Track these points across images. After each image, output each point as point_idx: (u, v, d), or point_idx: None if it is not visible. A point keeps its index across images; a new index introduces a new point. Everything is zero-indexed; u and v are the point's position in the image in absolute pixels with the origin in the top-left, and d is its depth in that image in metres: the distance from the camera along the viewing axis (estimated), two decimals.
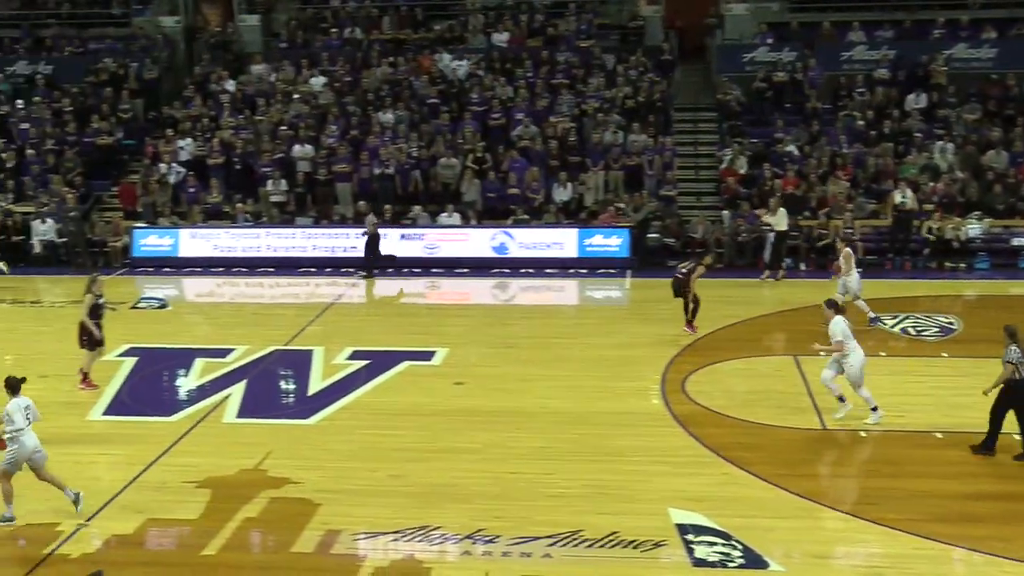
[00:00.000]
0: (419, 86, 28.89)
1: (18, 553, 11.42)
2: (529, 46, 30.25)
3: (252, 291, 23.84)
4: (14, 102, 29.88)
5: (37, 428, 12.23)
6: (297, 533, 11.58)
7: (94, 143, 28.57)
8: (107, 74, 30.51)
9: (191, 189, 26.74)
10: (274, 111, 28.51)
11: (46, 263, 25.49)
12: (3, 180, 27.72)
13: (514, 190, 25.79)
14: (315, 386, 16.53)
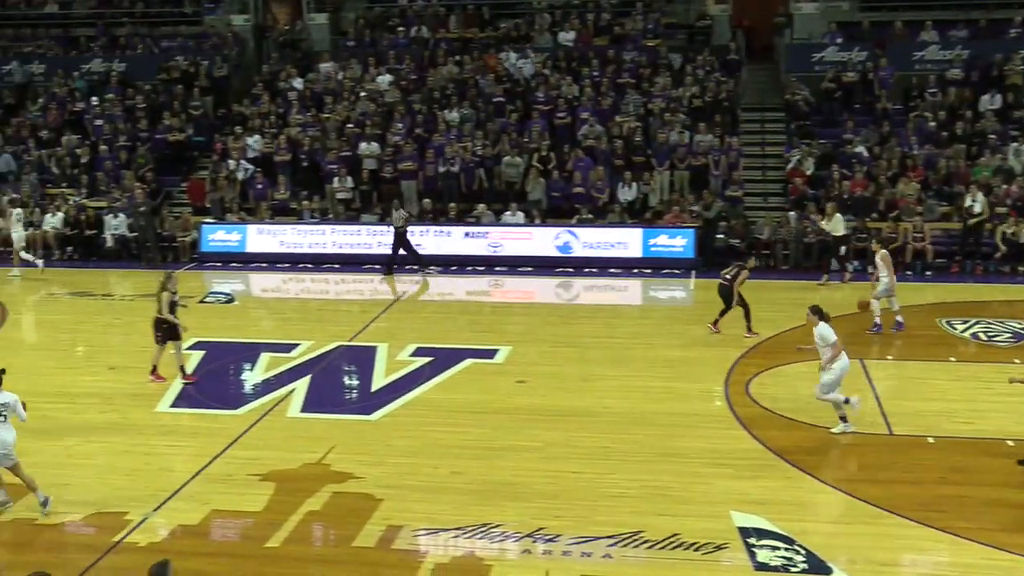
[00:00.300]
0: (485, 85, 28.95)
1: (89, 540, 11.65)
2: (595, 45, 30.16)
3: (317, 287, 24.04)
4: (89, 99, 30.47)
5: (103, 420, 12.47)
6: (359, 527, 11.67)
7: (165, 139, 29.04)
8: (178, 72, 30.99)
9: (259, 186, 27.06)
10: (341, 109, 28.74)
11: (117, 257, 25.94)
12: (77, 175, 28.30)
13: (579, 189, 25.74)
14: (378, 382, 16.63)
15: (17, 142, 29.78)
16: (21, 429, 14.83)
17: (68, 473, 13.35)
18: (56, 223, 26.39)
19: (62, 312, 21.81)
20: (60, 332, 20.08)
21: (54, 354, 18.62)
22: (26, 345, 19.05)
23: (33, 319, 20.98)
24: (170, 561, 8.34)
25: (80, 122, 30.21)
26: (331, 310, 22.20)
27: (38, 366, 17.73)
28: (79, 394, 16.29)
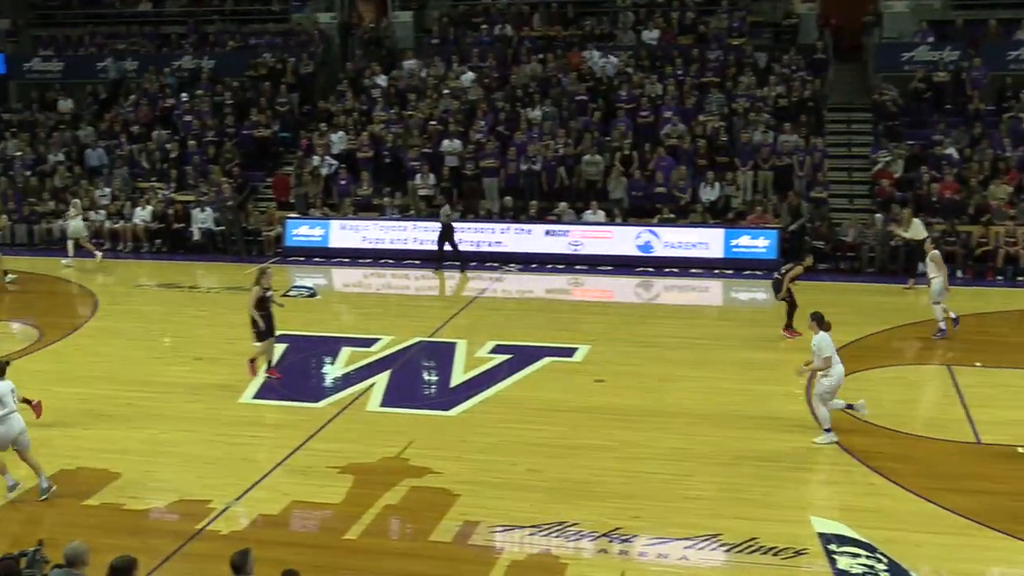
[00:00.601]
0: (567, 83, 28.91)
1: (173, 526, 11.89)
2: (679, 43, 29.96)
3: (398, 283, 24.23)
4: (179, 95, 31.09)
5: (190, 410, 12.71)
6: (436, 522, 11.74)
7: (252, 135, 29.51)
8: (266, 68, 31.47)
9: (342, 181, 27.36)
10: (424, 106, 28.93)
11: (203, 250, 26.42)
12: (166, 170, 28.90)
13: (660, 189, 25.59)
14: (457, 378, 16.71)
15: (110, 137, 30.51)
16: (111, 415, 15.24)
17: (154, 461, 13.64)
18: (145, 216, 26.99)
19: (150, 303, 22.28)
20: (149, 323, 20.51)
21: (143, 344, 19.01)
22: (116, 334, 19.46)
23: (123, 310, 21.42)
24: (251, 550, 8.48)
25: (170, 118, 30.84)
26: (411, 305, 22.38)
27: (127, 355, 18.16)
28: (166, 383, 16.64)
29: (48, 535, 10.35)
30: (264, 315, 16.33)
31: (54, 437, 14.50)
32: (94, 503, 12.42)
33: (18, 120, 32.06)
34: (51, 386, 16.50)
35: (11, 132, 31.28)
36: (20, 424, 12.37)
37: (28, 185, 29.01)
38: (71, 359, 18.20)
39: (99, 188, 28.19)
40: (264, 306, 16.37)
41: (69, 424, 14.95)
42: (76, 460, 13.62)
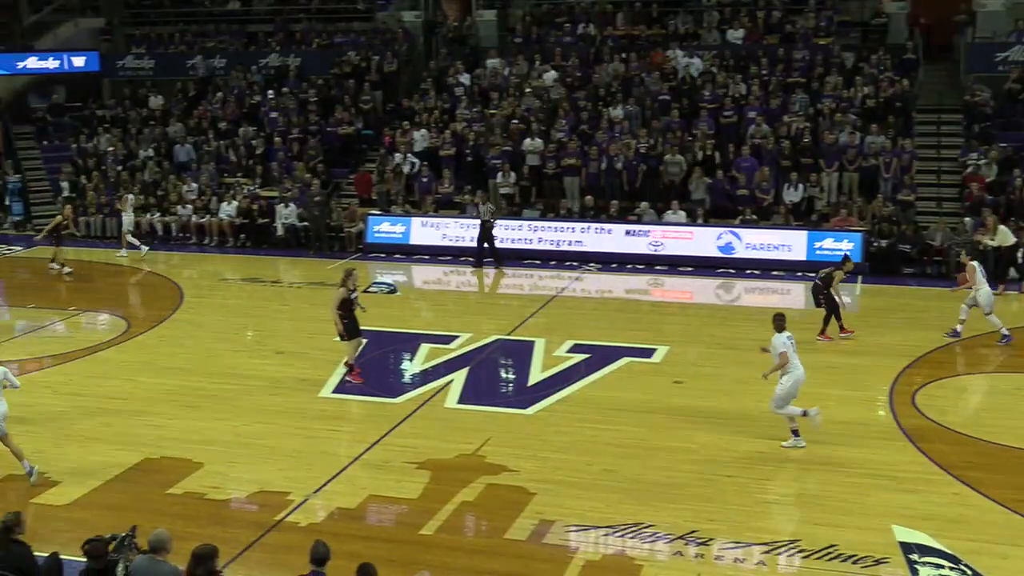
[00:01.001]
0: (650, 82, 28.75)
1: (253, 516, 12.07)
2: (765, 43, 29.61)
3: (478, 280, 24.31)
4: (265, 92, 31.56)
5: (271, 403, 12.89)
6: (511, 520, 11.76)
7: (335, 132, 29.85)
8: (350, 66, 31.80)
9: (424, 179, 27.53)
10: (506, 104, 28.99)
11: (286, 245, 26.78)
12: (252, 166, 29.35)
13: (743, 190, 25.31)
14: (535, 377, 16.72)
15: (198, 133, 31.09)
16: (195, 406, 15.52)
17: (236, 452, 13.87)
18: (231, 211, 27.44)
19: (234, 297, 22.66)
20: (232, 316, 20.87)
21: (226, 337, 19.35)
22: (200, 327, 19.82)
23: (207, 303, 21.81)
24: (325, 543, 8.58)
25: (256, 115, 31.32)
26: (490, 303, 22.44)
27: (211, 348, 18.50)
28: (248, 376, 16.91)
29: (132, 522, 10.59)
30: (348, 316, 16.29)
31: (138, 426, 14.85)
32: (177, 492, 12.67)
33: (111, 116, 32.83)
34: (137, 376, 16.93)
35: (104, 128, 32.04)
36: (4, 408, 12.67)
37: (119, 179, 29.69)
38: (157, 350, 18.59)
39: (186, 183, 28.75)
40: (348, 307, 16.31)
41: (154, 414, 15.29)
42: (160, 449, 13.91)
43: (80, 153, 31.12)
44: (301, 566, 8.63)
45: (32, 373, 17.58)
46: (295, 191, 27.39)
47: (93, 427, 14.87)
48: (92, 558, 8.77)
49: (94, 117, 32.85)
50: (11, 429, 13.40)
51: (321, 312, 18.79)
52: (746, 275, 23.57)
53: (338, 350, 17.70)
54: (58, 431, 14.72)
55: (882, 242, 23.47)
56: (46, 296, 23.00)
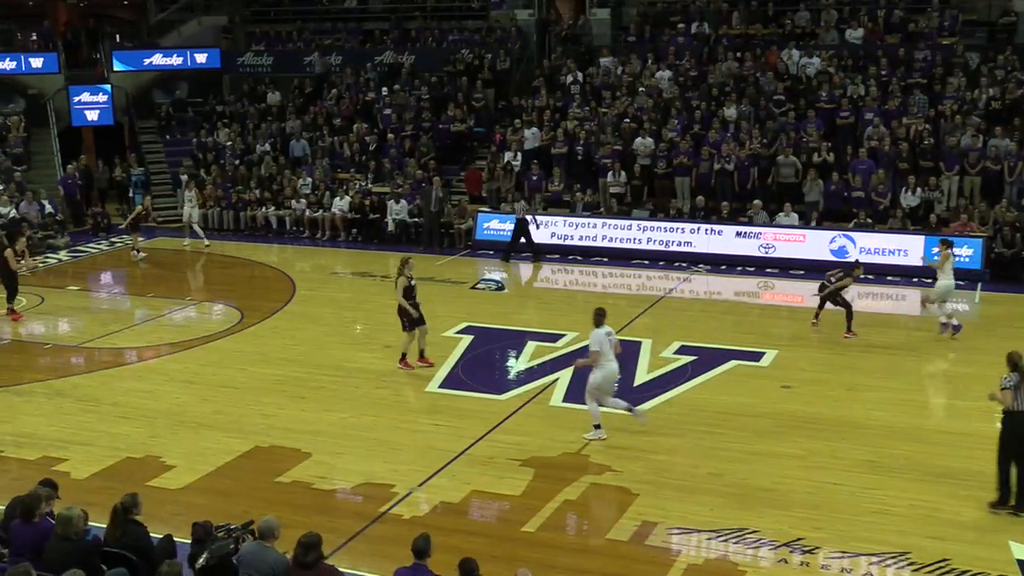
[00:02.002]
0: (765, 82, 28.34)
1: (358, 508, 12.26)
2: (885, 43, 28.92)
3: (585, 279, 24.26)
4: (379, 90, 31.99)
5: (377, 395, 13.01)
6: (614, 520, 11.72)
7: (447, 130, 30.10)
8: (463, 64, 32.03)
9: (534, 177, 27.59)
10: (618, 103, 28.87)
11: (397, 241, 27.07)
12: (365, 162, 29.78)
13: (858, 193, 24.77)
14: (641, 377, 16.61)
15: (313, 129, 31.66)
16: (304, 397, 15.81)
17: (343, 443, 14.10)
18: (343, 206, 27.87)
19: (344, 291, 23.02)
20: (342, 309, 21.19)
21: (335, 330, 19.67)
22: (311, 319, 20.18)
23: (318, 296, 22.19)
24: (427, 536, 8.66)
25: (370, 111, 31.77)
26: (597, 303, 22.24)
27: (321, 340, 18.82)
28: (356, 369, 17.16)
29: (242, 509, 10.85)
30: (413, 304, 16.69)
31: (250, 415, 15.20)
32: (285, 480, 12.93)
33: (230, 112, 33.65)
34: (249, 366, 17.33)
35: (223, 123, 32.85)
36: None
37: (236, 173, 30.43)
38: (268, 341, 18.99)
39: (301, 178, 29.30)
40: (411, 295, 16.74)
41: (265, 403, 15.63)
42: (270, 438, 14.22)
43: (200, 147, 31.97)
44: (404, 558, 8.73)
45: (150, 360, 18.16)
46: (407, 187, 27.69)
47: (206, 414, 15.27)
48: (195, 541, 9.03)
49: (214, 112, 33.72)
50: (126, 415, 13.87)
51: (429, 308, 18.95)
52: (859, 279, 22.95)
53: (444, 345, 17.92)
54: (173, 417, 15.16)
55: (1005, 249, 22.73)
56: (165, 286, 23.69)
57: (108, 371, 17.67)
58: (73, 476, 13.08)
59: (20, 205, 27.69)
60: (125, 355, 18.54)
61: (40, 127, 32.23)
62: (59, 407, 15.75)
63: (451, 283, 22.95)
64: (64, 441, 14.29)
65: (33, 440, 14.36)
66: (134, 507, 9.30)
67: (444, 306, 20.62)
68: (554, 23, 34.23)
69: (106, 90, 32.35)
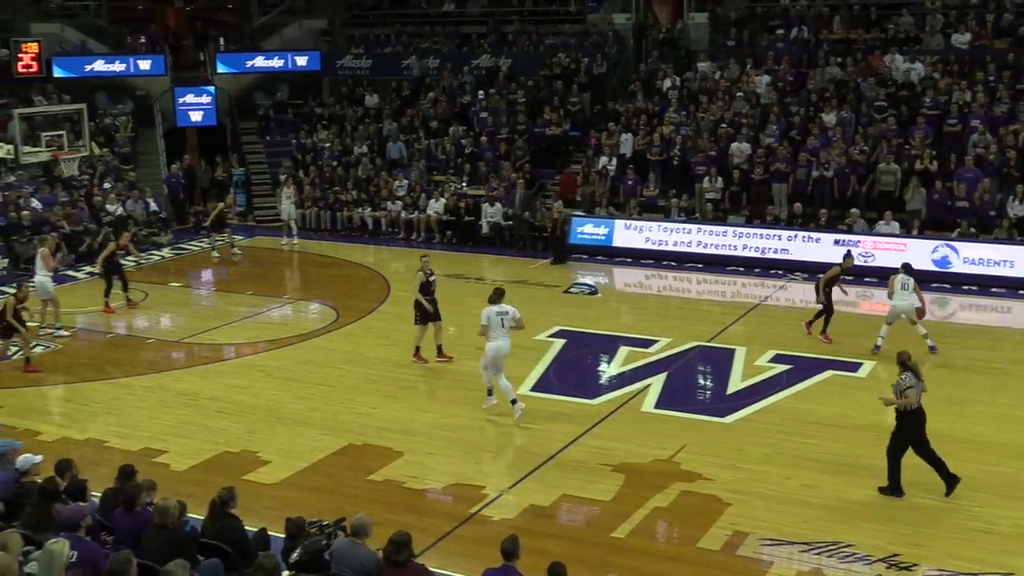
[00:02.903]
0: (866, 88, 27.79)
1: (448, 508, 12.33)
2: (994, 47, 28.15)
3: (679, 285, 24.07)
4: (476, 93, 32.16)
5: (468, 397, 13.03)
6: (704, 529, 11.60)
7: (543, 133, 30.13)
8: (559, 68, 32.03)
9: (629, 182, 27.46)
10: (715, 108, 28.60)
11: (491, 243, 27.17)
12: (460, 164, 29.96)
13: (963, 202, 24.13)
14: (734, 385, 16.43)
15: (410, 131, 31.95)
16: (397, 397, 15.94)
17: (434, 443, 14.20)
18: (438, 208, 28.07)
19: (438, 292, 22.94)
20: None
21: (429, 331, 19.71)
22: (405, 320, 20.25)
23: (413, 297, 22.22)
24: (516, 538, 8.66)
25: (466, 114, 31.95)
26: (691, 309, 22.17)
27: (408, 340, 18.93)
28: (449, 370, 17.27)
29: (336, 506, 10.98)
30: (429, 299, 17.34)
31: (344, 413, 15.40)
32: (378, 479, 13.06)
33: (328, 114, 34.14)
34: (344, 365, 17.55)
35: (322, 124, 33.35)
36: None
37: (334, 174, 30.87)
38: (363, 341, 19.22)
39: (397, 179, 29.59)
40: (428, 291, 17.27)
41: (358, 402, 15.82)
42: (363, 437, 14.38)
43: (299, 148, 32.51)
44: (493, 559, 8.74)
45: (247, 357, 18.51)
46: (501, 190, 27.80)
47: (301, 411, 15.50)
48: (288, 536, 9.17)
49: (313, 114, 34.26)
50: (224, 410, 14.12)
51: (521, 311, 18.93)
52: (963, 291, 22.46)
53: (536, 348, 17.94)
54: (269, 413, 15.42)
55: None
56: (263, 284, 24.12)
57: (207, 366, 18.06)
58: (172, 468, 13.40)
59: (127, 203, 28.45)
60: (224, 351, 18.93)
61: (147, 127, 33.10)
62: (160, 400, 16.15)
63: (544, 286, 22.96)
64: (164, 434, 14.65)
65: (136, 432, 14.75)
66: (231, 500, 9.48)
67: (536, 309, 20.61)
68: (651, 27, 34.02)
69: (210, 92, 33.07)
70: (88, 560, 8.09)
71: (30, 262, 24.71)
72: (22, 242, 25.29)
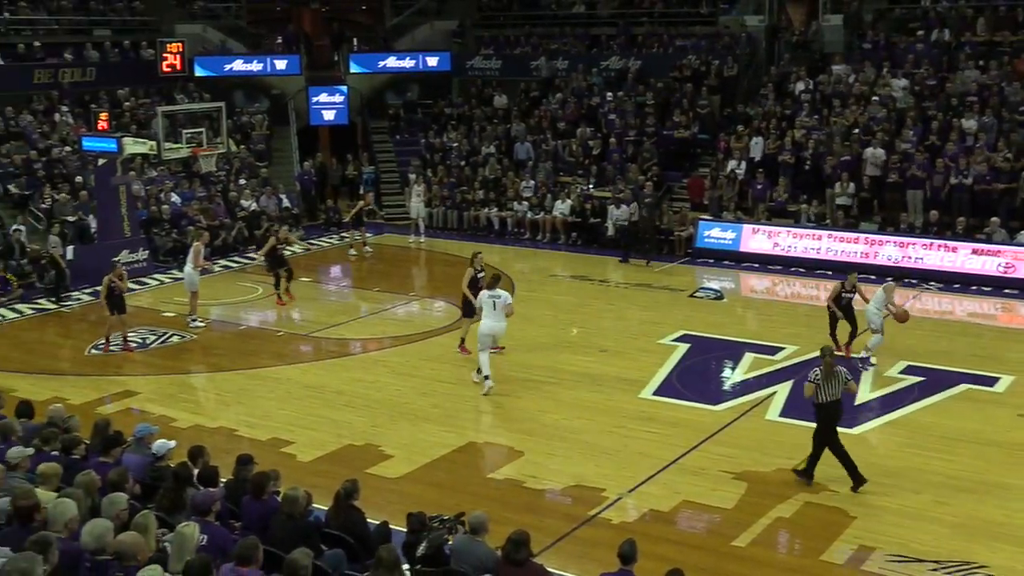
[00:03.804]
0: (1010, 92, 26.79)
1: (567, 509, 12.32)
2: None
3: (808, 292, 23.56)
4: (604, 95, 32.06)
5: (591, 399, 12.99)
6: (828, 542, 11.35)
7: (671, 136, 29.88)
8: (690, 70, 31.72)
9: (758, 186, 27.04)
10: (849, 113, 27.94)
11: (616, 245, 27.03)
12: (587, 165, 29.92)
13: None
14: (863, 396, 16.00)
15: (538, 132, 32.04)
16: (519, 397, 15.99)
17: (555, 444, 14.20)
18: (564, 209, 28.08)
19: (562, 293, 23.15)
20: (559, 312, 21.29)
21: (552, 332, 19.78)
22: (529, 320, 20.33)
23: (537, 297, 22.37)
24: (634, 542, 8.59)
25: (594, 116, 31.89)
26: (820, 317, 21.54)
27: (537, 341, 18.98)
28: (572, 372, 17.23)
29: (455, 503, 11.07)
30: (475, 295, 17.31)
31: (465, 411, 15.53)
32: (497, 477, 13.13)
33: (457, 114, 34.48)
34: (467, 363, 17.66)
35: (451, 124, 33.70)
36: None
37: (462, 174, 31.16)
38: None
39: (524, 180, 29.71)
40: (476, 286, 17.37)
41: (481, 401, 15.91)
42: (484, 435, 14.50)
43: (428, 148, 32.91)
44: (610, 563, 8.68)
45: (373, 352, 18.81)
46: (627, 192, 27.65)
47: (424, 408, 15.68)
48: (410, 531, 9.27)
49: (442, 114, 34.64)
50: (350, 403, 14.31)
51: (645, 314, 18.92)
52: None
53: (659, 352, 17.82)
54: (393, 408, 15.65)
55: None
56: (389, 281, 24.51)
57: (334, 360, 18.43)
58: (298, 459, 13.70)
59: (260, 199, 29.22)
60: (350, 346, 19.29)
61: (281, 125, 33.95)
62: (288, 392, 16.54)
63: (669, 290, 22.76)
64: (292, 425, 14.99)
65: (264, 422, 15.13)
66: (355, 493, 9.64)
67: (661, 313, 20.49)
68: (784, 29, 33.40)
69: (342, 91, 33.72)
70: (217, 545, 8.32)
71: (169, 254, 25.77)
72: (161, 235, 26.21)
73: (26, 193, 26.59)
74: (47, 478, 9.02)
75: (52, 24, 32.49)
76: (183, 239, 26.11)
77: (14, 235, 24.33)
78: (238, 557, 7.81)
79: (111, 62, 32.62)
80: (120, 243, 24.40)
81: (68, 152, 28.19)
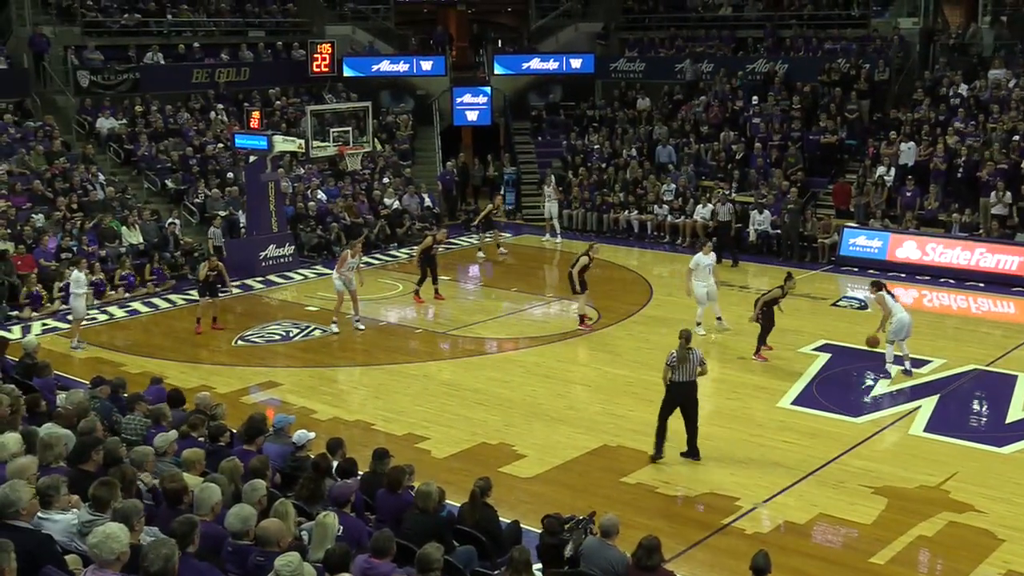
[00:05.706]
0: None
1: (700, 517, 12.18)
2: None
3: (957, 304, 22.77)
4: (749, 98, 31.57)
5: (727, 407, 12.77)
6: (973, 564, 10.93)
7: (818, 141, 29.24)
8: (838, 74, 30.96)
9: (908, 193, 26.24)
10: (1008, 119, 26.87)
11: (758, 251, 26.61)
12: (730, 170, 29.51)
13: None
14: (1015, 414, 15.36)
15: (680, 135, 31.75)
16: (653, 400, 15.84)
17: None
18: (705, 214, 27.73)
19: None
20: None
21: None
22: (665, 324, 20.12)
23: (674, 302, 22.13)
24: (767, 554, 8.43)
25: (738, 120, 31.43)
26: (969, 330, 20.90)
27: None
28: (708, 379, 16.93)
29: (586, 505, 11.05)
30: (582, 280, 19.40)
31: (600, 413, 15.50)
32: (630, 481, 13.06)
33: (600, 116, 34.42)
34: (602, 366, 17.66)
35: (593, 127, 33.67)
36: None
37: (603, 176, 31.09)
38: (622, 343, 19.25)
39: (665, 183, 29.48)
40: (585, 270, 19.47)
41: (615, 403, 15.87)
42: (618, 438, 14.41)
43: (569, 150, 32.94)
44: (741, 573, 8.56)
45: (509, 352, 18.94)
46: (770, 197, 27.18)
47: (558, 409, 15.71)
48: (548, 533, 9.28)
49: (585, 116, 34.62)
50: (484, 402, 14.40)
51: (785, 321, 18.54)
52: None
53: (799, 361, 17.48)
54: (527, 408, 15.71)
55: None
56: (527, 281, 24.61)
57: (470, 359, 18.62)
58: (433, 455, 13.88)
59: (403, 197, 29.72)
60: (486, 345, 19.45)
61: (425, 125, 34.48)
62: (425, 388, 16.77)
63: (810, 298, 22.26)
64: (427, 421, 15.20)
65: (401, 417, 15.38)
66: (488, 490, 9.73)
67: (802, 321, 20.05)
68: (940, 32, 32.31)
69: (486, 92, 34.05)
70: (352, 536, 8.50)
71: (314, 250, 26.44)
72: (307, 231, 26.90)
73: (182, 188, 27.66)
74: (192, 464, 9.38)
75: (210, 25, 33.70)
76: (327, 235, 26.77)
77: (169, 228, 25.32)
78: (374, 549, 7.96)
79: (264, 62, 33.67)
80: (268, 238, 25.18)
81: (221, 149, 29.21)
